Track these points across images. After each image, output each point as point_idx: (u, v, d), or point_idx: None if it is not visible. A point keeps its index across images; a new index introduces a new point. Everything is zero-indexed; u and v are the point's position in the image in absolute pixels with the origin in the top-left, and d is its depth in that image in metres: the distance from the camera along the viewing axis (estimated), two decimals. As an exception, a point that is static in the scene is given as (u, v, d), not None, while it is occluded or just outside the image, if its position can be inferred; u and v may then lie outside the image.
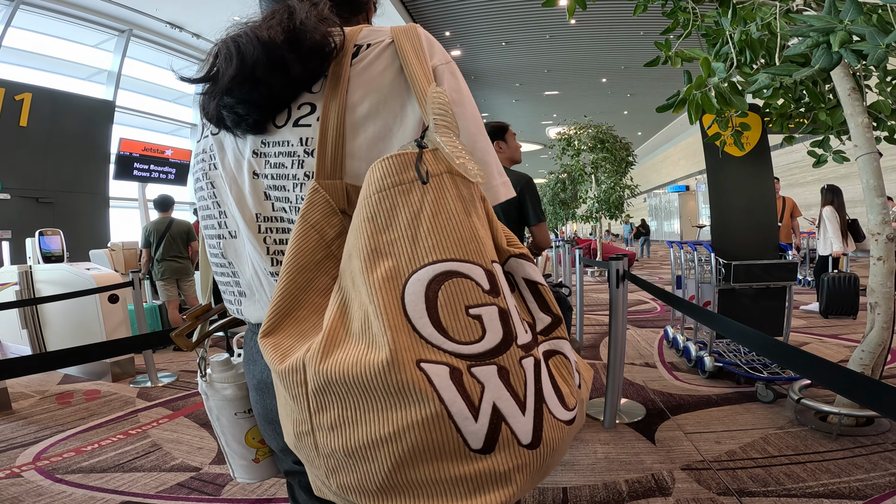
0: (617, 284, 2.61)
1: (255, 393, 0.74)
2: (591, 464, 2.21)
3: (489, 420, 0.45)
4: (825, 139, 2.95)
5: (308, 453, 0.50)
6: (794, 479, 2.00)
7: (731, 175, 3.44)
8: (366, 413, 0.45)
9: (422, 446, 0.44)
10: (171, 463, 2.40)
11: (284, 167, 0.62)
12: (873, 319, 2.38)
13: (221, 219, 0.71)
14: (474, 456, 0.45)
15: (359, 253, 0.50)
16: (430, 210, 0.50)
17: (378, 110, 0.61)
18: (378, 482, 0.46)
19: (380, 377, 0.44)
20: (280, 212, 0.64)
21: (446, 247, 0.49)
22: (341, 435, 0.46)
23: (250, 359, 0.74)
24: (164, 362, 4.37)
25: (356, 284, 0.49)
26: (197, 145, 0.75)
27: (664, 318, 5.59)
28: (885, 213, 2.32)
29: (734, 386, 3.15)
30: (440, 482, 0.45)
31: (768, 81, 1.90)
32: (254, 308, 0.71)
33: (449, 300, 0.47)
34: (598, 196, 10.26)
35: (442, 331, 0.47)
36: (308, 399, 0.48)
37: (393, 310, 0.46)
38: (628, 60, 14.94)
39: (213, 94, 0.63)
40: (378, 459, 0.45)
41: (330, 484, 0.49)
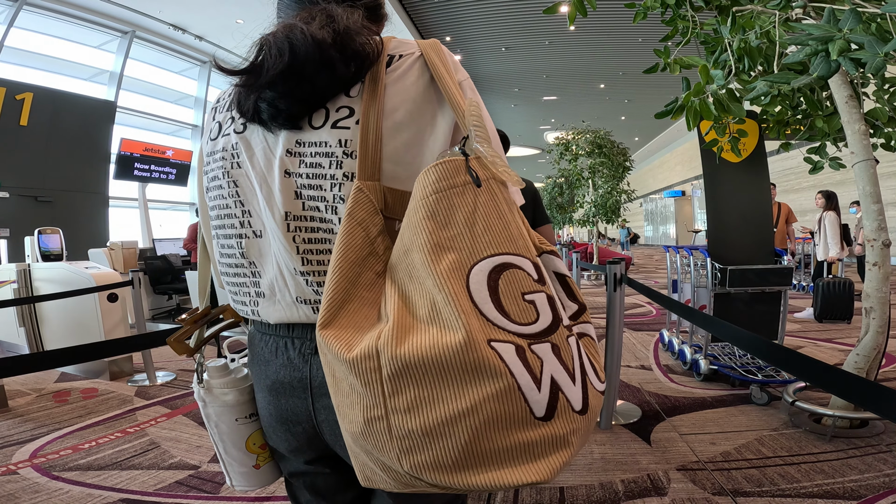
0: (614, 288, 2.64)
1: (268, 394, 0.74)
2: (588, 464, 2.23)
3: (549, 390, 0.50)
4: (822, 146, 2.99)
5: (379, 438, 0.51)
6: (789, 480, 2.02)
7: (728, 181, 3.47)
8: (443, 391, 0.49)
9: (495, 417, 0.48)
10: (170, 461, 2.41)
11: (322, 167, 0.64)
12: (868, 324, 2.41)
13: (244, 218, 0.71)
14: (538, 423, 0.50)
15: (420, 248, 0.53)
16: (484, 210, 0.56)
17: (412, 118, 0.65)
18: (454, 456, 0.49)
19: (457, 356, 0.48)
20: (312, 211, 0.65)
21: (500, 242, 0.55)
22: (419, 415, 0.49)
23: (261, 360, 0.75)
24: (162, 361, 4.37)
25: (416, 276, 0.54)
26: (211, 143, 0.74)
27: (660, 322, 5.62)
28: (881, 220, 2.35)
29: (729, 388, 3.18)
30: (510, 450, 0.49)
31: (766, 89, 1.94)
32: (273, 309, 0.71)
33: (507, 288, 0.53)
34: (595, 200, 10.30)
35: (504, 314, 0.52)
36: (382, 384, 0.50)
37: (462, 297, 0.51)
38: (626, 67, 15.04)
39: (252, 87, 0.65)
40: (455, 434, 0.48)
41: (401, 465, 0.51)
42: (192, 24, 11.27)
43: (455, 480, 0.49)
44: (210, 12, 10.76)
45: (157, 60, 12.04)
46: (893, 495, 1.86)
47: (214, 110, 0.78)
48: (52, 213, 8.32)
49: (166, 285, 5.90)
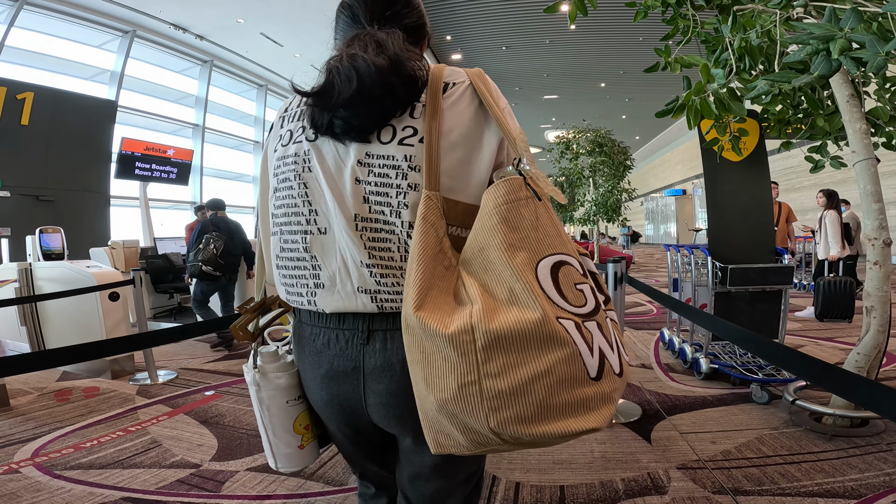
0: (615, 286, 2.64)
1: (321, 381, 0.84)
2: (588, 463, 2.23)
3: (599, 357, 0.65)
4: (823, 145, 2.98)
5: (470, 401, 0.62)
6: (789, 479, 2.02)
7: (729, 180, 3.47)
8: (525, 358, 0.61)
9: (563, 377, 0.62)
10: (171, 459, 2.41)
11: (388, 177, 0.75)
12: (869, 323, 2.41)
13: (311, 216, 0.80)
14: (592, 382, 0.64)
15: (496, 247, 0.66)
16: (543, 219, 0.70)
17: (464, 139, 0.76)
18: (533, 410, 0.61)
19: (536, 329, 0.61)
20: (377, 214, 0.75)
21: (556, 244, 0.70)
22: (507, 377, 0.61)
23: (313, 351, 0.85)
24: (163, 360, 4.37)
25: (491, 269, 0.66)
26: (283, 149, 0.83)
27: (660, 321, 5.61)
28: (882, 218, 2.35)
29: (729, 387, 3.18)
30: (572, 404, 0.62)
31: (767, 88, 1.93)
32: (331, 299, 0.80)
33: (565, 279, 0.68)
34: (596, 199, 10.29)
35: (564, 298, 0.66)
36: (476, 354, 0.61)
37: (535, 285, 0.64)
38: (627, 66, 15.02)
39: (325, 107, 0.75)
40: (535, 392, 0.61)
41: (487, 423, 0.61)
42: (193, 23, 11.29)
43: (533, 431, 0.61)
44: (210, 12, 10.77)
45: (158, 60, 12.06)
46: (894, 494, 1.86)
47: (283, 119, 0.87)
48: (54, 212, 8.33)
49: (168, 284, 5.90)
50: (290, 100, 0.89)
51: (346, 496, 2.01)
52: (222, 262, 4.54)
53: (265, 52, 13.30)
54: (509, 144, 0.77)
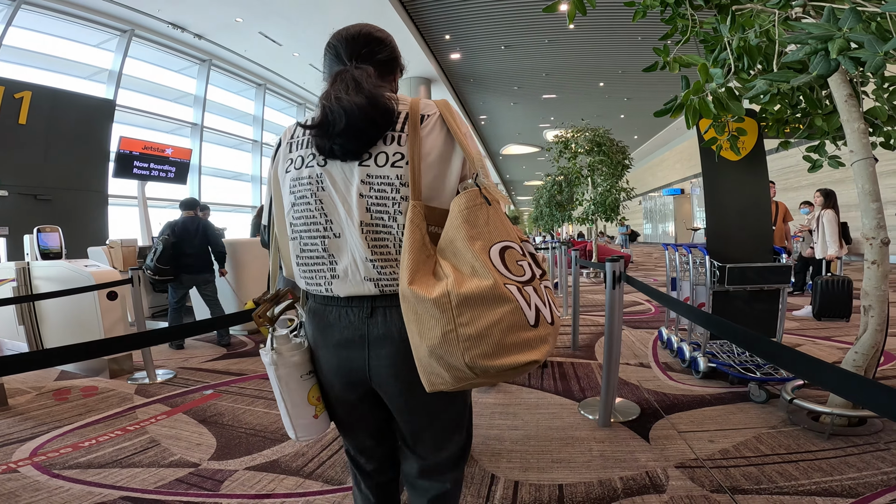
0: (613, 286, 2.64)
1: (333, 349, 1.05)
2: (587, 461, 2.24)
3: (535, 310, 0.89)
4: (821, 144, 2.98)
5: (450, 343, 0.85)
6: (787, 478, 2.03)
7: (727, 179, 3.47)
8: (484, 311, 0.85)
9: (511, 324, 0.85)
10: (170, 459, 2.41)
11: (385, 192, 0.97)
12: (867, 322, 2.41)
13: (327, 225, 1.02)
14: (531, 328, 0.87)
15: (462, 239, 0.90)
16: (493, 217, 0.94)
17: (438, 160, 0.99)
18: (493, 348, 0.84)
19: (490, 292, 0.85)
20: (378, 220, 0.97)
21: (503, 235, 0.94)
22: (473, 325, 0.84)
23: (325, 325, 1.06)
24: (162, 359, 4.37)
25: (458, 254, 0.90)
26: (296, 171, 1.04)
27: (658, 320, 5.62)
28: (879, 218, 2.35)
29: (727, 386, 3.19)
30: (519, 344, 0.85)
31: (766, 87, 1.93)
32: (344, 286, 1.02)
33: (509, 258, 0.91)
34: (595, 198, 10.29)
35: (509, 271, 0.90)
36: (452, 310, 0.85)
37: (489, 263, 0.88)
38: (626, 65, 15.02)
39: (325, 137, 0.97)
40: (493, 335, 0.84)
41: (466, 358, 0.84)
42: (191, 22, 11.26)
43: (494, 363, 0.84)
44: (209, 11, 10.75)
45: (156, 59, 12.03)
46: (891, 493, 1.87)
47: (290, 145, 1.07)
48: (52, 211, 8.32)
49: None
50: (293, 128, 1.09)
51: (346, 495, 2.02)
52: (164, 266, 4.51)
53: (264, 51, 13.28)
54: (469, 163, 1.01)
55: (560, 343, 4.57)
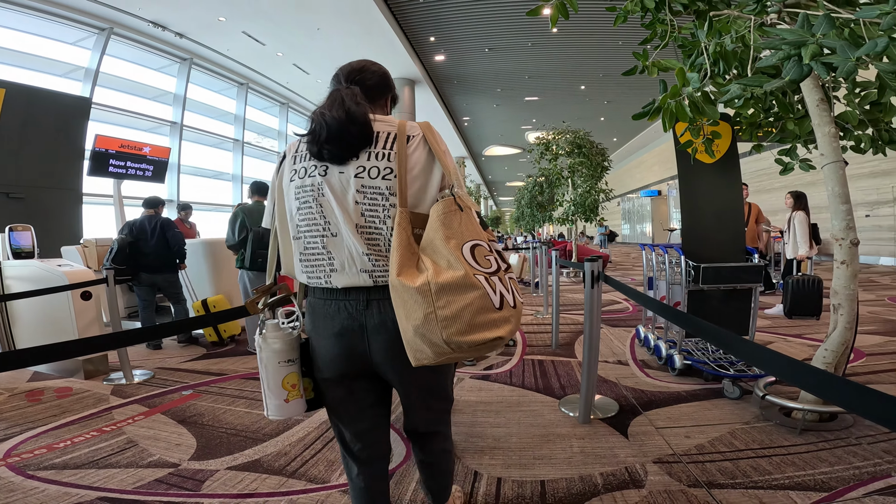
0: (592, 285, 2.68)
1: (333, 339, 1.22)
2: (568, 458, 2.28)
3: (499, 296, 1.06)
4: (792, 148, 3.07)
5: (430, 323, 1.02)
6: (761, 472, 2.09)
7: (702, 181, 3.56)
8: (457, 297, 1.02)
9: (479, 307, 1.03)
10: (149, 459, 2.38)
11: (377, 201, 1.16)
12: (836, 320, 2.50)
13: (326, 226, 1.19)
14: (496, 310, 1.04)
15: (440, 239, 1.08)
16: (465, 221, 1.12)
17: (421, 174, 1.18)
18: (465, 326, 1.02)
19: (462, 281, 1.03)
20: (371, 223, 1.16)
21: (473, 235, 1.11)
22: (449, 308, 1.01)
23: (325, 317, 1.23)
24: (139, 359, 4.29)
25: (437, 251, 1.08)
26: (300, 181, 1.21)
27: (636, 318, 5.72)
28: (849, 220, 2.44)
29: (702, 383, 3.27)
30: (486, 323, 1.03)
31: (740, 92, 1.99)
32: (343, 278, 1.19)
33: (478, 253, 1.08)
34: (575, 199, 10.41)
35: (478, 264, 1.07)
36: (432, 296, 1.02)
37: (461, 257, 1.06)
38: (606, 69, 15.24)
39: (316, 143, 1.17)
40: (464, 315, 1.02)
41: (444, 335, 1.01)
42: (173, 21, 11.06)
43: (466, 339, 1.01)
44: (192, 10, 10.57)
45: (136, 57, 11.78)
46: (863, 487, 1.93)
47: (294, 157, 1.24)
48: (24, 209, 8.07)
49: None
50: (297, 142, 1.28)
51: (329, 493, 2.02)
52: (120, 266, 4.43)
53: (247, 50, 13.10)
54: (446, 175, 1.20)
55: (540, 342, 4.62)
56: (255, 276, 4.47)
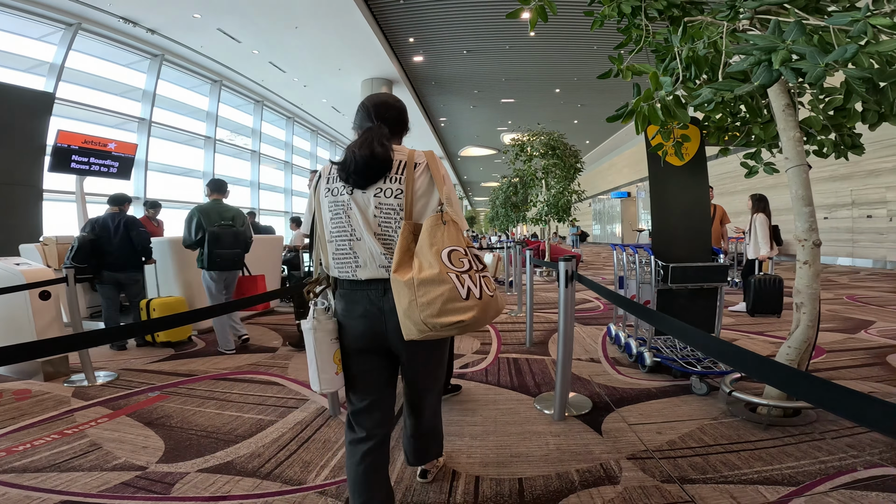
0: (566, 284, 2.72)
1: (360, 319, 1.53)
2: (544, 455, 2.30)
3: (467, 289, 1.33)
4: (757, 152, 3.18)
5: (412, 309, 1.32)
6: (730, 467, 2.14)
7: (672, 183, 3.65)
8: (432, 288, 1.32)
9: (449, 297, 1.31)
10: (114, 462, 2.29)
11: (390, 215, 1.48)
12: (799, 318, 2.59)
13: (352, 232, 1.51)
14: (462, 300, 1.32)
15: (426, 245, 1.38)
16: (448, 232, 1.40)
17: (423, 195, 1.50)
18: (438, 311, 1.31)
19: (436, 277, 1.33)
20: (385, 231, 1.49)
21: (453, 243, 1.39)
22: (426, 297, 1.31)
23: (353, 302, 1.55)
24: (103, 360, 4.14)
25: (423, 254, 1.37)
26: (332, 197, 1.54)
27: (607, 316, 5.83)
28: (812, 221, 2.53)
29: (671, 379, 3.35)
30: (455, 309, 1.31)
31: (711, 96, 2.05)
32: (365, 272, 1.51)
33: (454, 256, 1.36)
34: (548, 200, 10.54)
35: (452, 265, 1.35)
36: (415, 288, 1.32)
37: (439, 260, 1.35)
38: (581, 73, 15.48)
39: (346, 172, 1.49)
40: (437, 302, 1.31)
41: (421, 317, 1.31)
42: (145, 17, 10.73)
43: (438, 321, 1.31)
44: (165, 6, 10.27)
45: (103, 53, 11.39)
46: (830, 481, 2.00)
47: (328, 178, 1.57)
48: (-21, 205, 7.69)
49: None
50: (330, 167, 1.59)
51: (305, 495, 1.98)
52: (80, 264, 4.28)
53: (222, 47, 12.79)
54: (440, 197, 1.50)
55: (515, 340, 4.66)
56: (219, 276, 4.43)
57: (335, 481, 2.09)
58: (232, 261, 4.45)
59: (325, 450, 2.40)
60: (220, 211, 4.45)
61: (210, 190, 4.54)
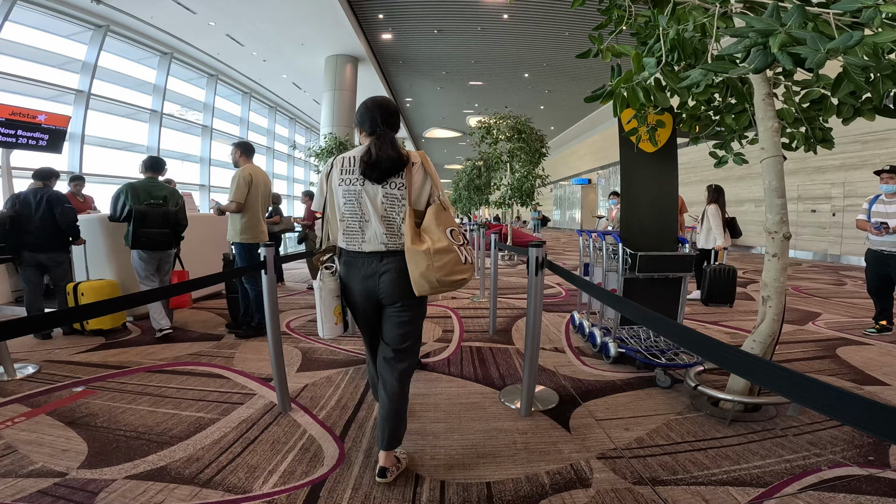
0: (536, 272, 2.58)
1: (360, 280, 1.93)
2: (512, 455, 2.18)
3: (465, 257, 1.87)
4: (728, 141, 3.13)
5: (429, 271, 1.79)
6: (699, 467, 2.08)
7: (642, 170, 3.57)
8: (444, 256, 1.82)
9: (455, 262, 1.84)
10: (30, 467, 2.02)
11: (395, 202, 1.88)
12: (765, 312, 2.56)
13: (362, 215, 1.89)
14: (462, 265, 1.86)
15: (434, 225, 1.87)
16: (447, 216, 1.91)
17: (419, 187, 1.91)
18: (448, 272, 1.82)
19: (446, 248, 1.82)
20: (389, 215, 1.88)
21: (451, 223, 1.90)
22: (440, 261, 1.80)
23: (356, 268, 1.93)
24: (24, 351, 3.73)
25: (433, 232, 1.86)
26: (346, 185, 1.91)
27: (569, 303, 5.80)
28: (783, 214, 2.49)
29: (635, 371, 3.31)
30: (459, 270, 1.85)
31: (701, 77, 1.94)
32: (369, 246, 1.89)
33: (455, 233, 1.88)
34: (512, 183, 10.45)
35: (454, 239, 1.86)
36: (431, 256, 1.80)
37: (447, 235, 1.85)
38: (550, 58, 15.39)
39: (370, 169, 1.86)
40: (447, 266, 1.82)
41: (437, 276, 1.80)
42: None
43: (448, 279, 1.81)
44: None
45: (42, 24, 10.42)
46: (797, 481, 1.97)
47: (342, 169, 1.92)
48: None
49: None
50: (344, 157, 1.95)
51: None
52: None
53: (174, 18, 11.97)
54: (435, 189, 1.92)
55: (477, 327, 4.56)
56: (149, 257, 4.19)
57: (285, 489, 1.90)
58: (158, 241, 4.17)
59: (273, 452, 2.19)
60: (151, 189, 4.20)
61: (144, 167, 4.30)
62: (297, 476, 2.00)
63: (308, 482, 1.95)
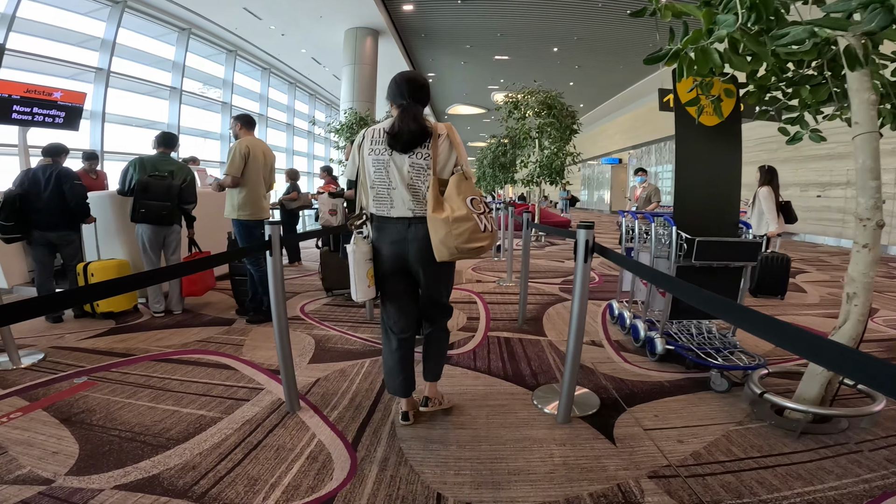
0: (585, 258, 2.26)
1: (390, 245, 2.10)
2: (549, 472, 1.89)
3: (484, 225, 1.98)
4: (801, 116, 2.71)
5: (449, 237, 1.94)
6: (768, 488, 1.79)
7: (700, 145, 3.15)
8: (463, 224, 1.95)
9: (474, 229, 1.96)
10: (17, 473, 1.84)
11: (421, 171, 2.04)
12: (849, 311, 2.20)
13: (390, 182, 2.06)
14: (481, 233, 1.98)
15: (455, 194, 1.99)
16: (468, 185, 2.04)
17: (445, 157, 2.07)
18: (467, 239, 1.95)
19: (465, 216, 1.95)
20: (415, 183, 2.05)
21: (472, 193, 2.02)
22: (459, 229, 1.94)
23: (386, 232, 2.10)
24: (33, 336, 3.59)
25: (453, 200, 1.99)
26: (375, 154, 2.06)
27: (604, 290, 5.44)
28: (877, 198, 2.10)
29: (684, 371, 2.98)
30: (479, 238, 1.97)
31: (806, 35, 1.56)
32: (396, 211, 2.06)
33: (475, 203, 2.00)
34: (541, 161, 9.99)
35: (474, 208, 1.98)
36: (450, 223, 1.94)
37: (466, 204, 1.98)
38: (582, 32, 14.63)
39: (396, 141, 2.02)
40: (466, 233, 1.94)
41: (456, 244, 1.94)
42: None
43: (467, 246, 1.94)
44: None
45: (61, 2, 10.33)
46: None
47: (371, 140, 2.08)
48: None
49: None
50: (373, 130, 2.10)
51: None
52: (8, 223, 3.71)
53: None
54: (459, 160, 2.07)
55: (505, 315, 4.28)
56: (154, 233, 4.11)
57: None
58: (159, 215, 4.03)
59: (277, 461, 1.95)
60: (158, 163, 4.10)
61: (157, 143, 4.22)
62: (302, 492, 1.75)
63: (314, 500, 1.70)
